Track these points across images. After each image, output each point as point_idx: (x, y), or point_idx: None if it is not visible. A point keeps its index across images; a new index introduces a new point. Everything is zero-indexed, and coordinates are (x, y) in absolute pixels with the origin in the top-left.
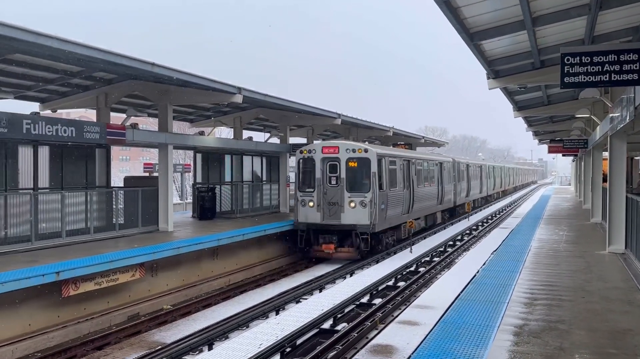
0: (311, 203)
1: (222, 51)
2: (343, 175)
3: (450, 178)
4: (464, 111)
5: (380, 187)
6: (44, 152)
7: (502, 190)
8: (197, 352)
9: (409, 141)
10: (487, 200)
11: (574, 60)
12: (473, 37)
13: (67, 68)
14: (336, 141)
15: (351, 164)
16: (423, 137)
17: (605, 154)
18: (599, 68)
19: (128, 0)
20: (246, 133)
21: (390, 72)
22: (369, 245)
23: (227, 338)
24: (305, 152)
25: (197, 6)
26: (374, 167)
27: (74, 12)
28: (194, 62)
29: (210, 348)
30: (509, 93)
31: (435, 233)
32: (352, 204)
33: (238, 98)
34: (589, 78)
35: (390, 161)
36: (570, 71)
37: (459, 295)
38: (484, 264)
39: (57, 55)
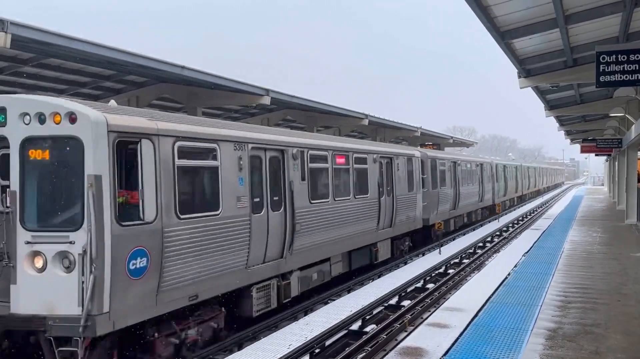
0: None
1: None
2: (15, 184)
3: (415, 183)
4: (493, 110)
5: (141, 215)
6: None
7: (517, 196)
8: (228, 352)
9: (437, 141)
10: (491, 211)
11: (609, 59)
12: (504, 35)
13: (99, 71)
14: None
15: (34, 154)
16: (451, 137)
17: None
18: (636, 67)
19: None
20: None
21: (416, 69)
22: None
23: (256, 338)
24: None
25: (196, 7)
26: (90, 166)
27: (76, 13)
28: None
29: (240, 348)
30: (541, 92)
31: (464, 234)
32: (39, 262)
33: (266, 100)
34: (626, 77)
35: (181, 150)
36: (606, 70)
37: (490, 297)
38: (516, 266)
39: (89, 59)
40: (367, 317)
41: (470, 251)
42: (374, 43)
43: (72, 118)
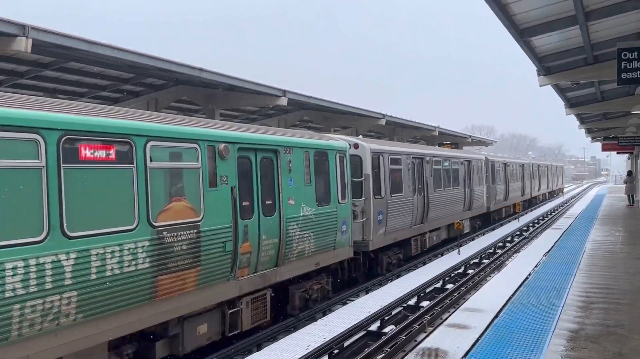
0: None
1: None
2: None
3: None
4: (512, 108)
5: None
6: None
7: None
8: (246, 353)
9: (455, 140)
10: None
11: (631, 55)
12: (523, 33)
13: (118, 75)
14: None
15: None
16: (470, 136)
17: None
18: None
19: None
20: None
21: (433, 70)
22: None
23: (275, 339)
24: None
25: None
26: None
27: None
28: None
29: (259, 348)
30: (561, 90)
31: (483, 234)
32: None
33: (283, 101)
34: None
35: None
36: (628, 67)
37: (510, 298)
38: (536, 266)
39: (109, 63)
40: (386, 318)
41: (490, 251)
42: (393, 51)
43: None
